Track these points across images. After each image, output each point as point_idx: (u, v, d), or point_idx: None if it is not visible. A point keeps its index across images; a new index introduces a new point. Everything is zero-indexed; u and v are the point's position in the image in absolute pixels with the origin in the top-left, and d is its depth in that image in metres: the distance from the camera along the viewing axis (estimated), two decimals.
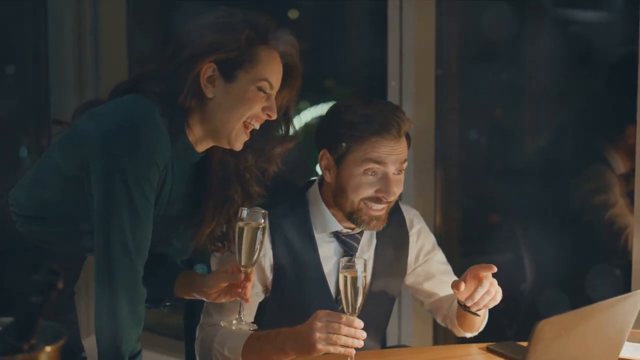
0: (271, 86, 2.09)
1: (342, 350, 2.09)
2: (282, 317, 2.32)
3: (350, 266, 2.07)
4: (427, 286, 2.56)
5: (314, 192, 2.44)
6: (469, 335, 2.54)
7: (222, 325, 2.26)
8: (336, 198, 2.37)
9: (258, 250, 2.12)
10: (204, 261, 2.39)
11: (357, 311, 2.10)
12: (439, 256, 2.60)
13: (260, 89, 2.08)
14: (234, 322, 2.18)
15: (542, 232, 3.32)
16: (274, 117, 2.11)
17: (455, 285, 2.27)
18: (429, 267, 2.56)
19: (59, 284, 1.43)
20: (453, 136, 3.53)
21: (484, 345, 2.39)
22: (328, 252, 2.41)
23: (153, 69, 2.13)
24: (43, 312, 1.46)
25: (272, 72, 2.09)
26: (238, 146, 2.12)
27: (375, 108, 2.34)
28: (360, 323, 2.10)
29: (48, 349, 1.51)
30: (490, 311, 2.39)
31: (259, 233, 2.11)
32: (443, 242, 3.10)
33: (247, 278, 2.13)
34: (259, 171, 2.25)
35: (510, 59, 3.53)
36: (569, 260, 3.24)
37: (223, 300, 2.20)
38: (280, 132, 2.23)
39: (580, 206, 3.31)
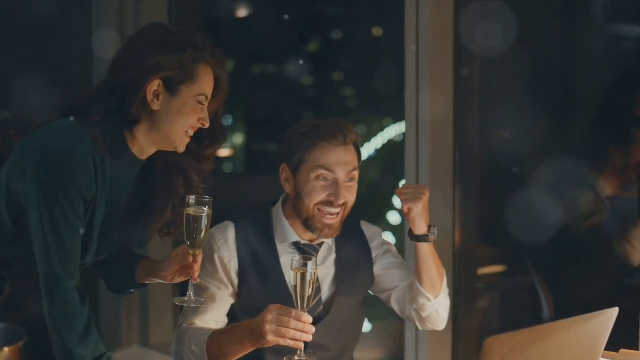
0: (207, 98, 2.34)
1: (291, 343, 2.29)
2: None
3: (300, 263, 2.26)
4: (389, 281, 2.75)
5: (277, 206, 2.68)
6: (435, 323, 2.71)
7: (174, 301, 2.50)
8: (295, 206, 2.60)
9: (203, 235, 2.35)
10: None
11: (307, 306, 2.27)
12: (394, 254, 2.80)
13: (198, 102, 2.32)
14: (185, 299, 2.41)
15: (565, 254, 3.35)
16: (207, 126, 2.36)
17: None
18: (388, 266, 2.75)
19: (5, 289, 1.60)
20: (474, 150, 3.60)
21: None
22: (289, 261, 2.56)
23: (97, 88, 2.36)
24: None
25: (208, 86, 2.35)
26: (181, 149, 2.37)
27: (323, 121, 2.61)
28: (308, 318, 2.29)
29: (6, 349, 1.68)
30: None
31: (204, 219, 2.34)
32: (462, 259, 3.18)
33: (195, 260, 2.37)
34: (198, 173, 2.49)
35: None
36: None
37: (177, 281, 2.44)
38: (211, 136, 2.45)
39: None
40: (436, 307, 2.67)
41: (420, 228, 2.61)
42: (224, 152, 5.15)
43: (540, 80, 3.65)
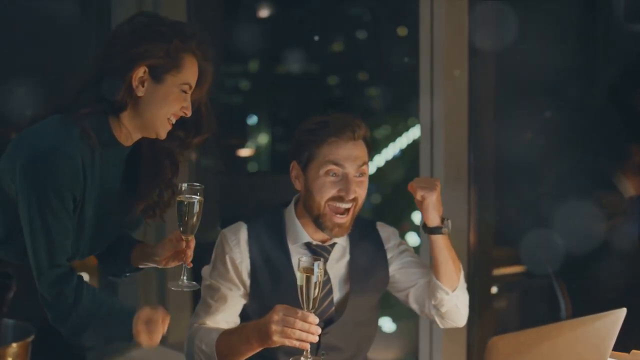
0: (190, 87, 2.41)
1: (296, 343, 2.29)
2: None
3: (306, 263, 2.27)
4: (406, 280, 2.74)
5: (289, 208, 2.69)
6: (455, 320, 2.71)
7: (169, 285, 2.51)
8: (306, 203, 2.61)
9: (195, 220, 2.41)
10: None
11: (313, 307, 2.28)
12: (411, 253, 2.79)
13: (182, 90, 2.40)
14: (179, 282, 2.46)
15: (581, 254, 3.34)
16: (189, 114, 2.43)
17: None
18: (404, 265, 2.75)
19: (12, 286, 1.65)
20: (488, 151, 3.60)
21: None
22: None
23: (84, 77, 2.41)
24: (1, 312, 1.68)
25: (192, 76, 2.42)
26: (163, 135, 2.43)
27: (332, 117, 2.62)
28: (314, 319, 2.28)
29: (14, 345, 1.72)
30: None
31: (196, 205, 2.40)
32: (477, 259, 3.18)
33: (188, 246, 2.45)
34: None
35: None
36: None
37: (171, 265, 2.54)
38: (196, 125, 2.52)
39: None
40: (455, 301, 2.66)
41: (433, 219, 2.60)
42: (246, 151, 5.19)
43: (559, 80, 3.65)
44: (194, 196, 2.41)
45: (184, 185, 2.42)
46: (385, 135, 4.73)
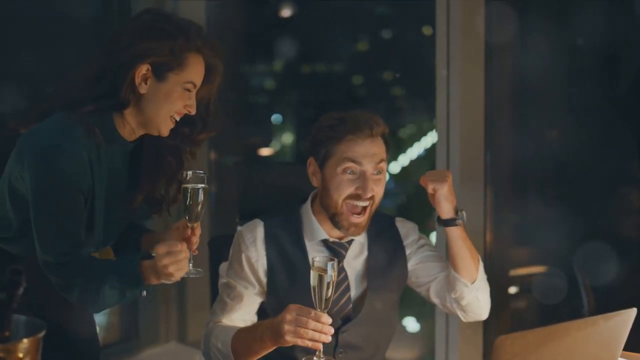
0: (195, 86, 2.44)
1: (309, 343, 2.30)
2: None
3: (320, 264, 2.27)
4: (425, 274, 2.74)
5: (306, 204, 2.69)
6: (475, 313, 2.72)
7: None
8: (323, 201, 2.62)
9: (200, 208, 2.45)
10: None
11: (326, 307, 2.29)
12: (430, 248, 2.78)
13: (186, 89, 2.43)
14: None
15: (597, 251, 3.34)
16: (193, 112, 2.47)
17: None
18: (423, 260, 2.75)
19: (22, 282, 1.68)
20: (505, 150, 3.60)
21: None
22: None
23: (88, 74, 2.44)
24: (11, 308, 1.71)
25: (197, 74, 2.45)
26: (165, 133, 2.47)
27: (350, 113, 2.61)
28: (328, 319, 2.30)
29: (25, 341, 1.75)
30: None
31: (201, 193, 2.44)
32: (493, 259, 3.18)
33: (193, 233, 2.48)
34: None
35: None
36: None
37: None
38: (203, 122, 2.56)
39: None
40: (475, 293, 2.66)
41: (447, 211, 2.60)
42: (266, 150, 5.22)
43: (579, 78, 3.64)
44: (198, 184, 2.44)
45: (189, 173, 2.46)
46: (410, 135, 4.74)
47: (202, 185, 2.45)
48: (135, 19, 2.46)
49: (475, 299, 2.67)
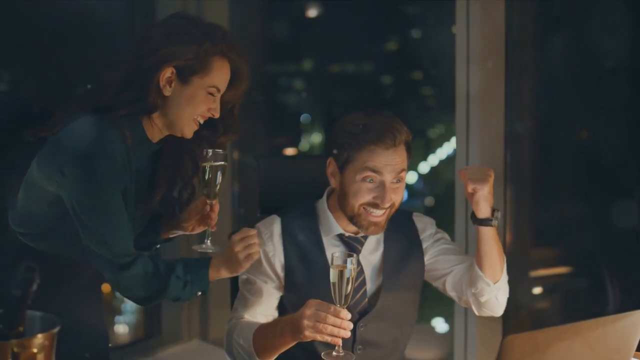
0: (218, 90, 2.49)
1: (328, 339, 2.33)
2: None
3: (340, 260, 2.31)
4: (442, 267, 2.75)
5: (322, 199, 2.72)
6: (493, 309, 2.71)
7: (193, 248, 2.61)
8: (340, 202, 2.63)
9: (219, 185, 2.55)
10: None
11: (345, 303, 2.32)
12: (447, 241, 2.79)
13: (209, 93, 2.49)
14: (203, 246, 2.59)
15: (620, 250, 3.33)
16: (217, 116, 2.53)
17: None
18: (439, 253, 2.76)
19: (36, 278, 1.73)
20: (526, 149, 3.60)
21: None
22: None
23: (117, 78, 2.48)
24: (25, 304, 1.76)
25: (221, 79, 2.50)
26: (189, 135, 2.53)
27: (373, 119, 2.59)
28: (347, 314, 2.32)
29: (40, 336, 1.80)
30: None
31: (220, 171, 2.54)
32: (513, 259, 3.18)
33: (212, 209, 2.60)
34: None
35: None
36: None
37: (197, 231, 2.69)
38: (225, 125, 2.61)
39: None
40: (495, 293, 2.66)
41: (484, 211, 2.58)
42: (290, 150, 5.25)
43: (604, 75, 3.63)
44: (218, 161, 2.53)
45: (209, 151, 2.53)
46: (440, 135, 4.74)
47: (222, 162, 2.53)
48: (163, 22, 2.51)
49: (494, 298, 2.68)
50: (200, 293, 2.54)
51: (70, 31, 4.11)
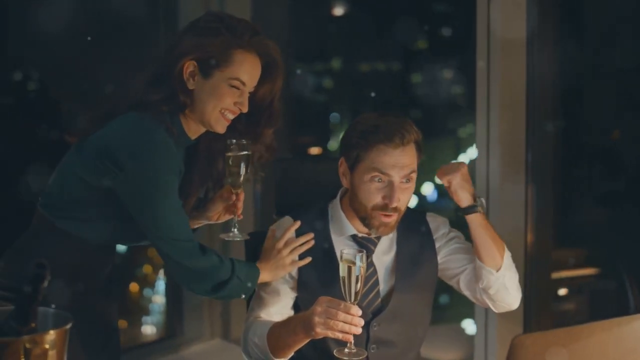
0: (243, 83, 2.52)
1: (339, 335, 2.36)
2: None
3: (349, 255, 2.34)
4: (454, 266, 2.76)
5: (335, 200, 2.75)
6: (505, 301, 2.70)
7: (220, 236, 2.70)
8: (352, 202, 2.66)
9: (244, 174, 2.61)
10: None
11: (355, 300, 2.34)
12: (460, 240, 2.79)
13: (232, 85, 2.50)
14: (230, 234, 2.70)
15: None
16: (245, 110, 2.54)
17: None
18: (452, 252, 2.77)
19: (47, 274, 1.77)
20: (548, 147, 3.59)
21: None
22: None
23: (152, 74, 2.54)
24: (37, 301, 1.80)
25: (244, 71, 2.52)
26: (219, 129, 2.56)
27: (384, 120, 2.61)
28: (357, 310, 2.35)
29: (52, 332, 1.83)
30: None
31: (243, 160, 2.60)
32: (534, 259, 3.17)
33: (238, 198, 2.67)
34: (257, 158, 2.70)
35: None
36: None
37: (223, 219, 2.77)
38: (267, 118, 2.64)
39: None
40: (502, 280, 2.66)
41: (464, 199, 2.62)
42: (315, 149, 5.26)
43: (630, 75, 3.60)
44: (242, 151, 2.57)
45: (233, 141, 2.58)
46: (470, 134, 4.74)
47: (245, 152, 2.58)
48: (191, 23, 2.56)
49: (502, 286, 2.68)
50: (243, 296, 2.61)
51: (95, 30, 4.17)
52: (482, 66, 3.59)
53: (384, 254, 2.73)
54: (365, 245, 2.68)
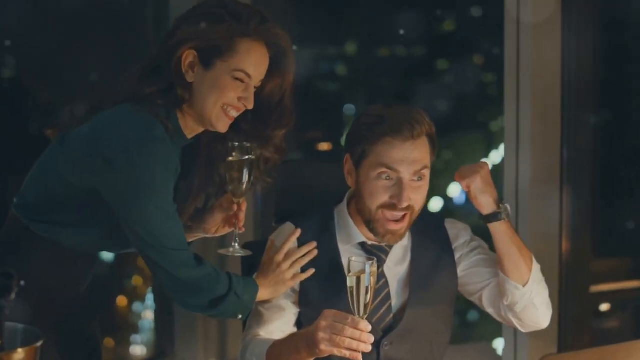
0: (248, 76, 2.48)
1: (346, 353, 2.33)
2: None
3: (357, 264, 2.31)
4: (476, 281, 2.76)
5: (342, 205, 2.74)
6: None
7: (220, 251, 2.67)
8: (357, 205, 2.65)
9: (247, 182, 2.57)
10: None
11: (365, 313, 2.32)
12: (483, 250, 2.78)
13: (236, 78, 2.47)
14: (230, 249, 2.65)
15: None
16: (250, 107, 2.50)
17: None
18: (474, 265, 2.76)
19: (14, 286, 1.79)
20: (586, 145, 3.59)
21: None
22: None
23: (147, 64, 2.53)
24: (3, 315, 1.82)
25: (250, 63, 2.48)
26: (221, 128, 2.52)
27: (391, 111, 2.61)
28: (367, 326, 2.32)
29: (20, 350, 1.85)
30: None
31: (246, 166, 2.55)
32: (570, 270, 3.17)
33: (240, 208, 2.63)
34: (263, 161, 2.65)
35: None
36: None
37: (222, 233, 2.73)
38: (278, 117, 2.60)
39: None
40: (529, 296, 2.65)
41: (487, 206, 2.61)
42: (324, 145, 5.27)
43: None
44: (244, 156, 2.54)
45: (235, 144, 2.55)
46: (502, 128, 4.73)
47: (248, 156, 2.55)
48: (190, 10, 2.54)
49: (530, 303, 2.66)
50: (240, 317, 2.60)
51: (80, 16, 4.20)
52: (511, 51, 3.57)
53: (397, 264, 2.72)
54: (375, 254, 2.66)
